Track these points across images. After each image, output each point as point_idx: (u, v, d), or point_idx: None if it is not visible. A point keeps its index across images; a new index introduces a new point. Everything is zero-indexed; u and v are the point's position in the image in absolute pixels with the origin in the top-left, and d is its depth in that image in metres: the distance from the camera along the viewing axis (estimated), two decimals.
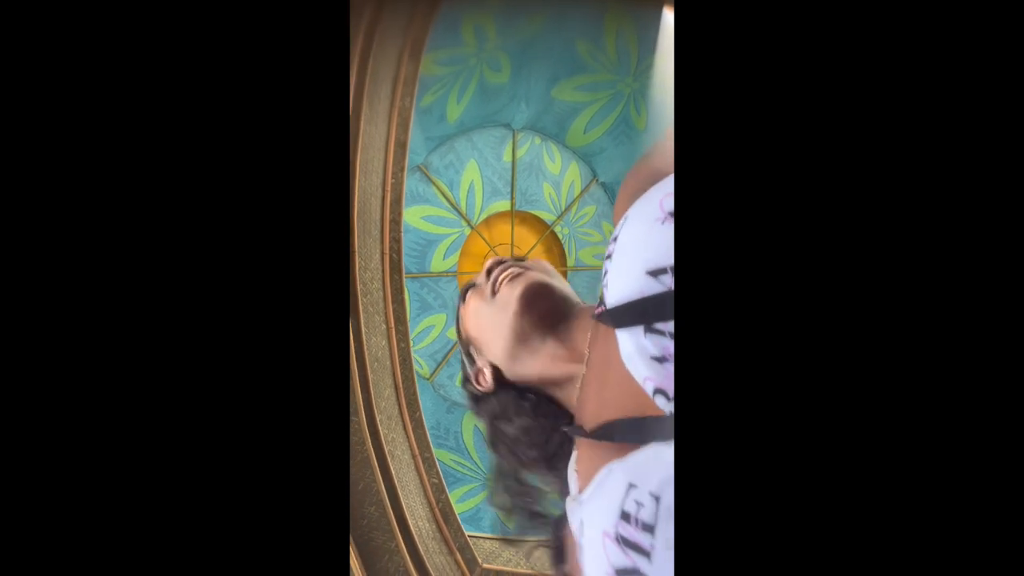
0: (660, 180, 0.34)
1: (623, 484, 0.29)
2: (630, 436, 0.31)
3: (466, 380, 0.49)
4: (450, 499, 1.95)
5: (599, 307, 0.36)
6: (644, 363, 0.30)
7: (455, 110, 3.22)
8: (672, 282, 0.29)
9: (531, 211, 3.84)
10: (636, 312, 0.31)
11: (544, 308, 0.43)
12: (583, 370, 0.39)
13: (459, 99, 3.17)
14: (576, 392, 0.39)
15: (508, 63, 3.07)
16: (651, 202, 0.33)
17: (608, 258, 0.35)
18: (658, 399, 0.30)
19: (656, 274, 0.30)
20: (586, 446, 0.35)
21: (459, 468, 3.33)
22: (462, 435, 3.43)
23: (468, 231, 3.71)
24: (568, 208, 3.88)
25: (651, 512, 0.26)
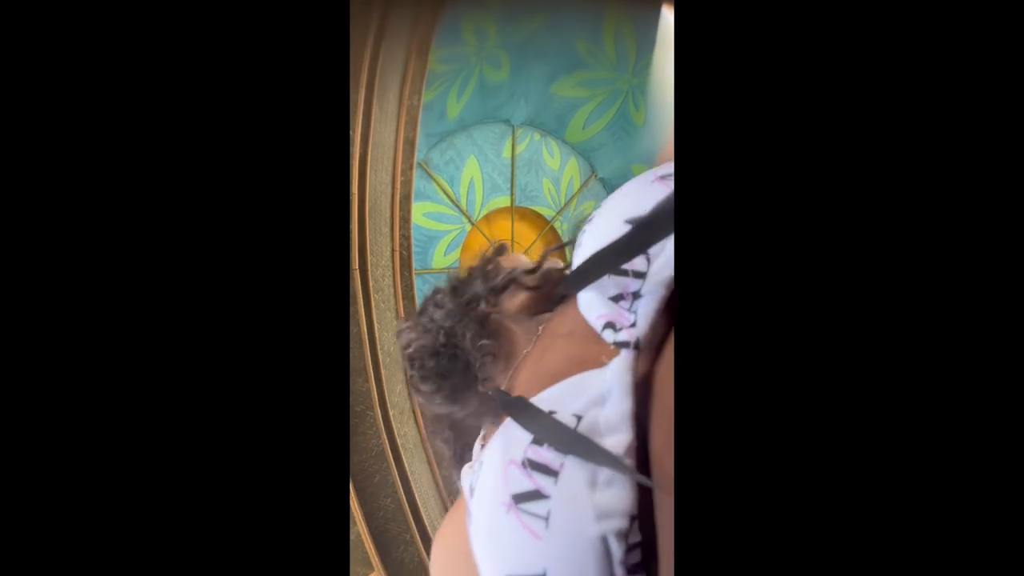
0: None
1: (544, 412, 0.28)
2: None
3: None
4: None
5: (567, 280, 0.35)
6: (601, 303, 0.30)
7: (455, 107, 3.23)
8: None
9: (531, 207, 3.86)
10: (604, 259, 0.30)
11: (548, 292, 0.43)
12: (527, 349, 0.38)
13: (459, 96, 3.17)
14: (508, 374, 0.39)
15: (508, 61, 3.07)
16: (647, 173, 0.33)
17: (589, 222, 0.34)
18: (606, 333, 0.29)
19: (633, 222, 0.30)
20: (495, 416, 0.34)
21: None
22: None
23: (469, 227, 3.72)
24: (567, 203, 3.90)
25: (569, 431, 0.26)
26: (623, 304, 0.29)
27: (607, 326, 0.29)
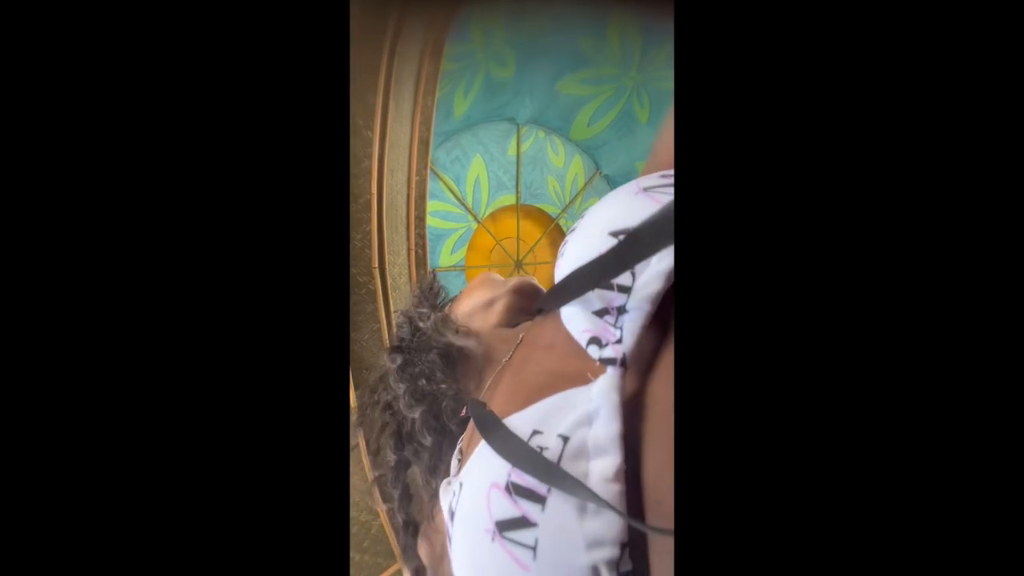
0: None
1: (527, 432, 0.27)
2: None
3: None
4: None
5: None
6: (584, 318, 0.29)
7: (461, 106, 3.24)
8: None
9: (536, 204, 3.89)
10: (588, 273, 0.30)
11: (527, 300, 0.43)
12: (502, 363, 0.38)
13: (465, 95, 3.18)
14: (484, 386, 0.39)
15: (513, 58, 3.08)
16: (628, 184, 0.33)
17: (571, 232, 0.34)
18: (591, 348, 0.29)
19: (618, 235, 0.29)
20: (473, 430, 0.33)
21: None
22: None
23: (475, 225, 3.75)
24: (572, 201, 3.93)
25: (555, 454, 0.25)
26: (608, 319, 0.28)
27: (592, 341, 0.28)
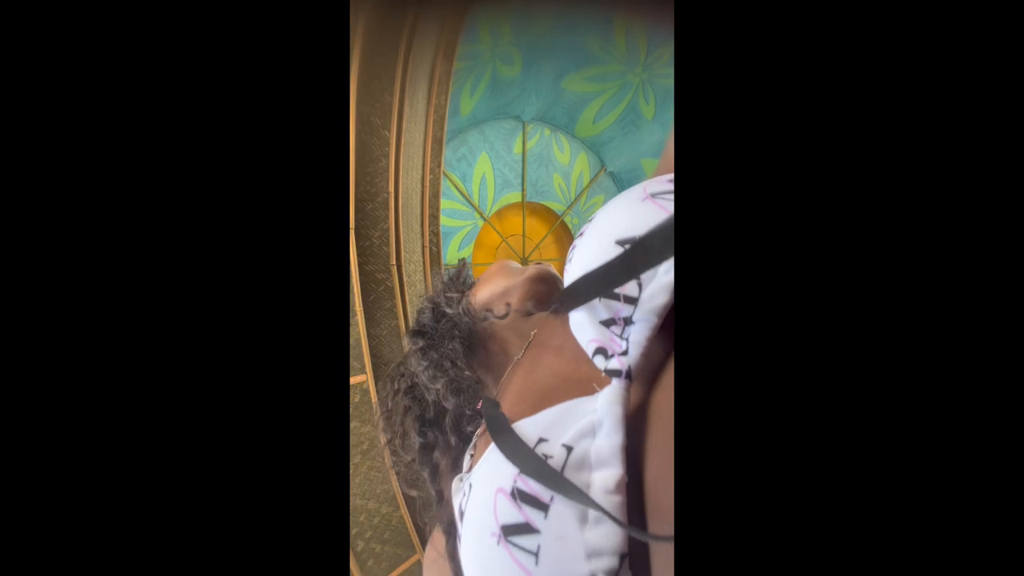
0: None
1: (533, 439, 0.28)
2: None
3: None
4: None
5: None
6: (592, 327, 0.30)
7: (468, 104, 3.26)
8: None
9: (542, 202, 3.91)
10: (595, 281, 0.30)
11: (546, 288, 0.43)
12: (515, 359, 0.39)
13: (472, 93, 3.20)
14: (499, 382, 0.39)
15: (520, 57, 3.10)
16: (636, 188, 0.33)
17: (580, 236, 0.34)
18: (597, 359, 0.29)
19: (624, 244, 0.29)
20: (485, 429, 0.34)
21: None
22: None
23: (481, 223, 3.77)
24: (577, 198, 3.95)
25: (559, 463, 0.25)
26: (614, 330, 0.28)
27: (598, 352, 0.29)
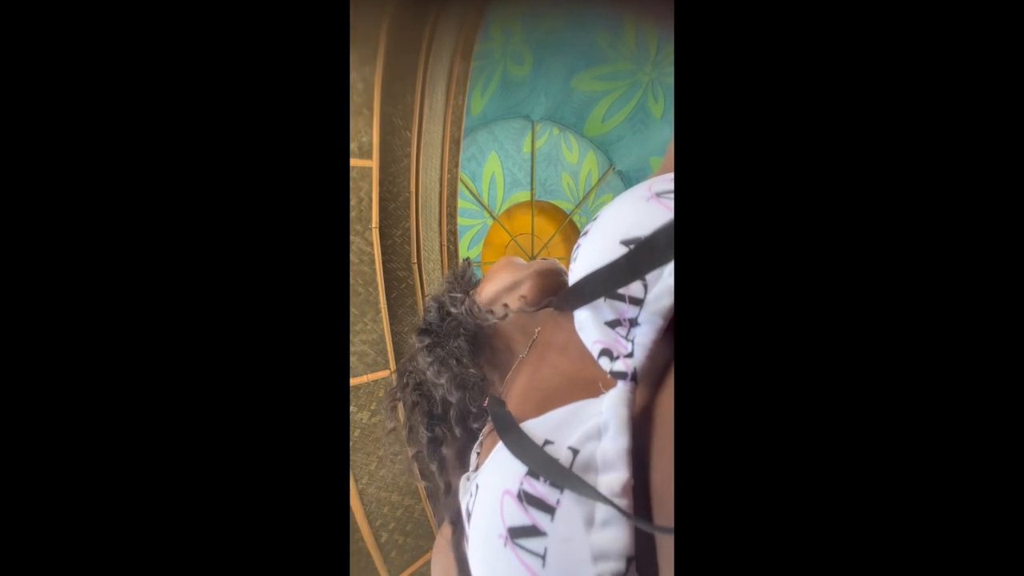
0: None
1: (539, 441, 0.27)
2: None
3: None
4: None
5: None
6: (596, 328, 0.29)
7: (478, 103, 3.27)
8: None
9: (550, 201, 3.92)
10: (600, 281, 0.29)
11: (553, 283, 0.43)
12: (520, 357, 0.39)
13: (483, 93, 3.22)
14: (504, 379, 0.39)
15: (530, 56, 3.11)
16: (640, 186, 0.33)
17: (584, 235, 0.33)
18: (602, 361, 0.29)
19: (629, 244, 0.29)
20: (492, 428, 0.34)
21: None
22: None
23: (491, 222, 3.79)
24: (586, 197, 3.96)
25: (565, 466, 0.25)
26: (620, 331, 0.28)
27: (603, 353, 0.29)
